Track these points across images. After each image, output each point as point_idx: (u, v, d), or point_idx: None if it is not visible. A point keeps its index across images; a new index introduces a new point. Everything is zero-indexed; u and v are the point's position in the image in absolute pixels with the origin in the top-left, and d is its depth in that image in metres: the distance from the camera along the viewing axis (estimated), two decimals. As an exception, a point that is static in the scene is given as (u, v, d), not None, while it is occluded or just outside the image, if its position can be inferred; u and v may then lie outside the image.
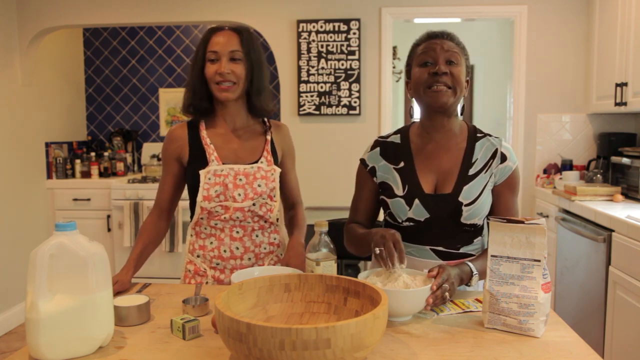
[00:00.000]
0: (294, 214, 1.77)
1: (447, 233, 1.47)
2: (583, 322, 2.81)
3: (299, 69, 3.65)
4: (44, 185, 4.03)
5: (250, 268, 1.46)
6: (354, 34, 3.60)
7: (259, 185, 1.59)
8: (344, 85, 3.63)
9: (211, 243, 1.63)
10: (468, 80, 1.50)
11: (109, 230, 3.96)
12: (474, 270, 1.36)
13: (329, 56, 3.62)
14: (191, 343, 1.13)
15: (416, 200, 1.46)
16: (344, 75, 3.63)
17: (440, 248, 1.48)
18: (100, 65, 4.68)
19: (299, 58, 3.64)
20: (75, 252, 1.05)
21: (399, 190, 1.49)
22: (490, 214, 1.49)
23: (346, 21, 3.60)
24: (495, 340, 1.14)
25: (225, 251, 1.62)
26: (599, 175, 3.22)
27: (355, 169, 1.61)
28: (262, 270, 1.44)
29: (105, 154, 4.38)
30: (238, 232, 1.61)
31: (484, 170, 1.47)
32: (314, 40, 3.62)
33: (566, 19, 3.55)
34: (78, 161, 4.19)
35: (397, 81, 5.73)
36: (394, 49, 5.13)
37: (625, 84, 2.94)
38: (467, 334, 1.16)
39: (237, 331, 0.90)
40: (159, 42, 4.63)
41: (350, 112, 3.65)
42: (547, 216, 3.34)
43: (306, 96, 3.66)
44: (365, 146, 1.67)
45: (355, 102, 3.64)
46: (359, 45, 3.60)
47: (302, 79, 3.65)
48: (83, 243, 1.07)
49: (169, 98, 4.64)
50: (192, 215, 1.64)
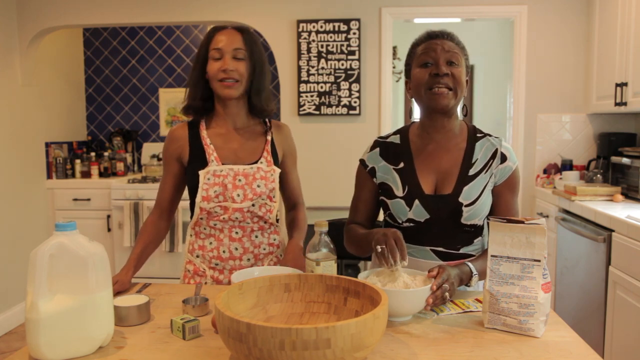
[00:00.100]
0: (295, 214, 1.76)
1: (447, 234, 1.47)
2: (583, 322, 2.81)
3: (299, 69, 3.65)
4: (44, 185, 4.03)
5: (250, 268, 1.46)
6: (354, 34, 3.60)
7: (258, 186, 1.59)
8: (344, 85, 3.63)
9: (210, 243, 1.63)
10: (467, 80, 1.49)
11: (109, 230, 3.96)
12: (473, 270, 1.36)
13: (329, 56, 3.62)
14: (191, 343, 1.13)
15: (416, 201, 1.45)
16: (344, 75, 3.63)
17: (441, 248, 1.48)
18: (100, 65, 4.68)
19: (299, 58, 3.64)
20: (75, 252, 1.05)
21: (398, 191, 1.48)
22: (491, 214, 1.49)
23: (346, 21, 3.60)
24: (495, 340, 1.14)
25: (224, 252, 1.62)
26: (599, 175, 3.22)
27: (355, 169, 1.61)
28: (262, 270, 1.44)
29: (105, 154, 4.38)
30: (237, 233, 1.61)
31: (484, 171, 1.47)
32: (314, 40, 3.62)
33: (566, 19, 3.55)
34: (78, 161, 4.19)
35: (397, 81, 5.73)
36: (394, 49, 5.13)
37: (625, 84, 2.94)
38: (467, 334, 1.16)
39: (237, 331, 0.90)
40: (159, 42, 4.63)
41: (350, 112, 3.65)
42: (547, 216, 3.34)
43: (306, 96, 3.66)
44: (365, 146, 1.67)
45: (355, 102, 3.64)
46: (359, 45, 3.60)
47: (302, 79, 3.65)
48: (83, 243, 1.07)
49: (169, 98, 4.64)
50: (192, 216, 1.64)
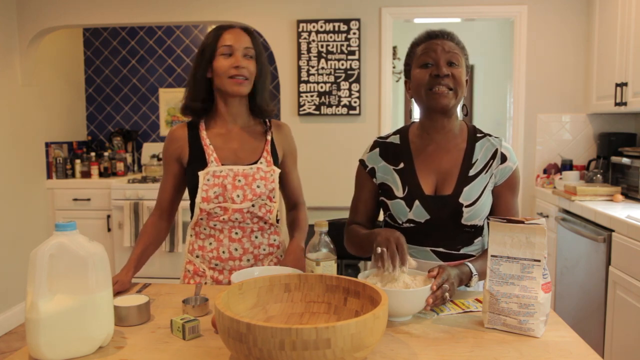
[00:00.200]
0: (296, 214, 1.75)
1: (448, 234, 1.47)
2: (583, 322, 2.81)
3: (299, 69, 3.65)
4: (44, 185, 4.03)
5: (250, 268, 1.45)
6: (354, 34, 3.60)
7: (258, 187, 1.58)
8: (344, 85, 3.63)
9: (210, 244, 1.62)
10: (467, 80, 1.49)
11: (109, 230, 3.96)
12: (473, 271, 1.36)
13: (329, 56, 3.62)
14: (191, 343, 1.13)
15: (416, 202, 1.45)
16: (344, 75, 3.63)
17: (441, 249, 1.48)
18: (100, 65, 4.68)
19: (299, 58, 3.64)
20: (75, 252, 1.05)
21: (399, 191, 1.48)
22: (491, 214, 1.49)
23: (346, 21, 3.60)
24: (495, 340, 1.14)
25: (224, 252, 1.61)
26: (599, 175, 3.22)
27: (355, 169, 1.60)
28: (262, 270, 1.44)
29: (105, 154, 4.38)
30: (237, 234, 1.61)
31: (484, 171, 1.47)
32: (314, 40, 3.62)
33: (566, 19, 3.55)
34: (78, 161, 4.19)
35: (397, 81, 5.73)
36: (394, 49, 5.13)
37: (625, 84, 2.94)
38: (467, 334, 1.16)
39: (237, 331, 0.90)
40: (159, 42, 4.63)
41: (350, 112, 3.65)
42: (547, 216, 3.34)
43: (306, 96, 3.66)
44: (365, 146, 1.67)
45: (355, 102, 3.64)
46: (359, 45, 3.60)
47: (302, 79, 3.65)
48: (83, 243, 1.07)
49: (169, 98, 4.64)
50: (192, 216, 1.63)
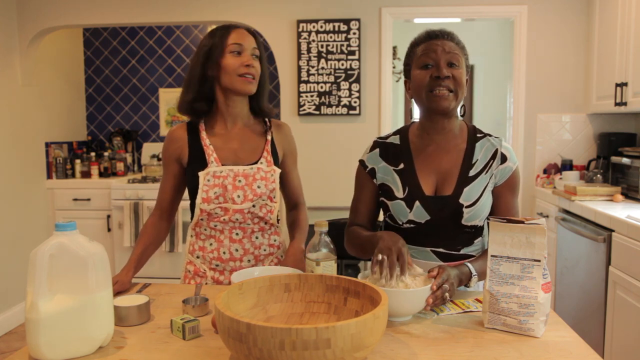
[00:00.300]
0: (296, 215, 1.75)
1: (448, 234, 1.47)
2: (583, 322, 2.81)
3: (299, 69, 3.65)
4: (44, 185, 4.03)
5: (250, 268, 1.45)
6: (354, 34, 3.60)
7: (259, 187, 1.58)
8: (344, 85, 3.63)
9: (210, 244, 1.62)
10: (467, 79, 1.48)
11: (109, 230, 3.96)
12: (473, 271, 1.36)
13: (329, 56, 3.62)
14: (191, 343, 1.13)
15: (417, 203, 1.45)
16: (344, 75, 3.63)
17: (441, 249, 1.48)
18: (100, 65, 4.68)
19: (299, 58, 3.64)
20: (75, 252, 1.05)
21: (399, 192, 1.48)
22: (491, 214, 1.48)
23: (346, 21, 3.60)
24: (495, 340, 1.14)
25: (224, 253, 1.61)
26: (599, 175, 3.22)
27: (355, 169, 1.60)
28: (262, 270, 1.44)
29: (105, 154, 4.38)
30: (238, 234, 1.61)
31: (485, 171, 1.47)
32: (314, 40, 3.62)
33: (566, 19, 3.55)
34: (78, 161, 4.19)
35: (397, 81, 5.73)
36: (394, 49, 5.13)
37: (625, 84, 2.94)
38: (467, 334, 1.16)
39: (237, 331, 0.90)
40: (159, 42, 4.63)
41: (350, 112, 3.65)
42: (547, 216, 3.34)
43: (306, 96, 3.66)
44: (365, 146, 1.66)
45: (355, 102, 3.64)
46: (359, 45, 3.60)
47: (302, 79, 3.65)
48: (83, 243, 1.07)
49: (169, 98, 4.64)
50: (192, 216, 1.63)
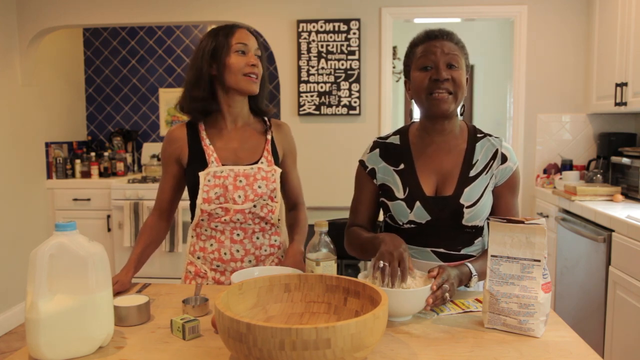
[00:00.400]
0: (296, 215, 1.75)
1: (448, 235, 1.47)
2: (583, 322, 2.81)
3: (299, 69, 3.65)
4: (44, 185, 4.03)
5: (250, 268, 1.45)
6: (354, 34, 3.60)
7: (259, 187, 1.58)
8: (344, 85, 3.63)
9: (211, 245, 1.61)
10: (467, 78, 1.48)
11: (109, 230, 3.96)
12: (473, 271, 1.36)
13: (329, 56, 3.62)
14: (191, 343, 1.13)
15: (417, 203, 1.45)
16: (344, 75, 3.63)
17: (441, 250, 1.47)
18: (100, 65, 4.68)
19: (299, 58, 3.64)
20: (75, 252, 1.05)
21: (399, 192, 1.48)
22: (491, 215, 1.48)
23: (346, 21, 3.60)
24: (495, 340, 1.14)
25: (225, 254, 1.61)
26: (599, 175, 3.22)
27: (355, 169, 1.60)
28: (262, 270, 1.44)
29: (105, 154, 4.38)
30: (239, 235, 1.60)
31: (485, 172, 1.47)
32: (314, 40, 3.62)
33: (566, 19, 3.55)
34: (78, 161, 4.19)
35: (397, 81, 5.73)
36: (394, 49, 5.13)
37: (625, 84, 2.94)
38: (467, 334, 1.16)
39: (237, 331, 0.90)
40: (159, 42, 4.63)
41: (350, 112, 3.65)
42: (547, 216, 3.34)
43: (306, 96, 3.66)
44: (365, 146, 1.66)
45: (355, 102, 3.64)
46: (359, 45, 3.60)
47: (302, 79, 3.65)
48: (83, 243, 1.07)
49: (169, 98, 4.64)
50: (193, 217, 1.63)
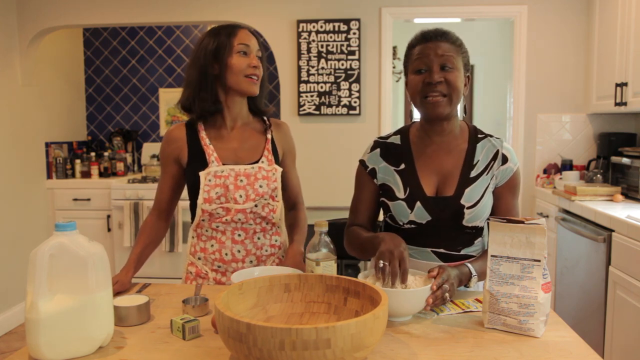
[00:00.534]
0: (296, 215, 1.75)
1: (449, 235, 1.47)
2: (583, 322, 2.81)
3: (299, 69, 3.65)
4: (44, 185, 4.03)
5: (250, 268, 1.45)
6: (354, 34, 3.60)
7: (261, 186, 1.58)
8: (344, 85, 3.63)
9: (212, 246, 1.61)
10: (469, 76, 1.46)
11: (109, 230, 3.96)
12: (473, 271, 1.36)
13: (329, 56, 3.62)
14: (191, 343, 1.13)
15: (418, 203, 1.45)
16: (344, 75, 3.63)
17: (441, 250, 1.47)
18: (100, 65, 4.68)
19: (299, 58, 3.64)
20: (75, 252, 1.05)
21: (400, 192, 1.47)
22: (491, 215, 1.48)
23: (346, 21, 3.60)
24: (495, 340, 1.14)
25: (226, 254, 1.60)
26: (599, 175, 3.22)
27: (355, 169, 1.60)
28: (262, 270, 1.44)
29: (105, 154, 4.38)
30: (240, 235, 1.60)
31: (486, 172, 1.47)
32: (314, 40, 3.62)
33: (566, 19, 3.55)
34: (78, 161, 4.19)
35: (397, 81, 5.73)
36: (394, 49, 5.13)
37: (625, 84, 2.94)
38: (467, 334, 1.16)
39: (237, 331, 0.90)
40: (159, 42, 4.63)
41: (350, 112, 3.65)
42: (547, 216, 3.34)
43: (306, 96, 3.66)
44: (365, 146, 1.66)
45: (355, 102, 3.64)
46: (359, 45, 3.60)
47: (302, 79, 3.65)
48: (83, 243, 1.07)
49: (169, 98, 4.64)
50: (193, 217, 1.62)
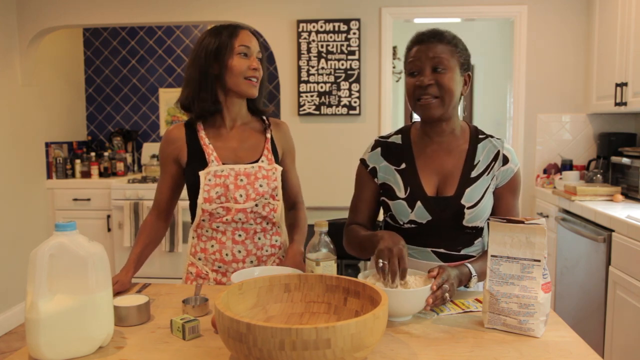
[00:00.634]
0: (296, 215, 1.75)
1: (449, 235, 1.47)
2: (583, 322, 2.81)
3: (299, 69, 3.65)
4: (44, 185, 4.03)
5: (250, 268, 1.45)
6: (354, 34, 3.60)
7: (261, 185, 1.58)
8: (344, 85, 3.63)
9: (212, 246, 1.61)
10: (469, 75, 1.45)
11: (109, 230, 3.96)
12: (472, 272, 1.36)
13: (329, 56, 3.62)
14: (191, 343, 1.13)
15: (418, 203, 1.45)
16: (344, 75, 3.63)
17: (442, 250, 1.48)
18: (100, 65, 4.68)
19: (299, 58, 3.64)
20: (75, 252, 1.05)
21: (400, 192, 1.47)
22: (491, 216, 1.48)
23: (346, 21, 3.60)
24: (495, 340, 1.14)
25: (227, 255, 1.60)
26: (599, 175, 3.22)
27: (355, 169, 1.60)
28: (262, 270, 1.44)
29: (105, 154, 4.38)
30: (240, 235, 1.60)
31: (486, 173, 1.47)
32: (314, 40, 3.62)
33: (566, 19, 3.55)
34: (78, 161, 4.19)
35: (397, 81, 5.73)
36: (394, 49, 5.13)
37: (625, 84, 2.94)
38: (467, 334, 1.16)
39: (237, 331, 0.90)
40: (159, 42, 4.63)
41: (350, 112, 3.65)
42: (547, 216, 3.34)
43: (306, 96, 3.66)
44: (365, 146, 1.66)
45: (355, 102, 3.64)
46: (359, 45, 3.60)
47: (302, 79, 3.65)
48: (83, 243, 1.07)
49: (169, 98, 4.64)
50: (193, 217, 1.62)
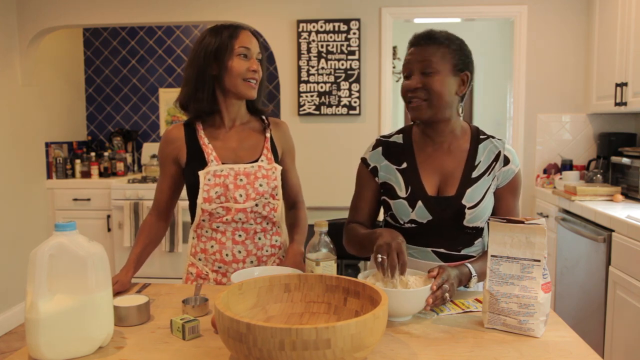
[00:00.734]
0: (296, 214, 1.75)
1: (449, 235, 1.47)
2: (583, 322, 2.81)
3: (299, 69, 3.65)
4: (44, 185, 4.03)
5: (250, 268, 1.45)
6: (354, 34, 3.60)
7: (261, 185, 1.58)
8: (344, 85, 3.63)
9: (212, 246, 1.61)
10: (467, 74, 1.43)
11: (109, 230, 3.96)
12: (472, 272, 1.36)
13: (329, 56, 3.62)
14: (191, 343, 1.13)
15: (419, 202, 1.45)
16: (344, 75, 3.63)
17: (442, 250, 1.48)
18: (100, 65, 4.68)
19: (299, 58, 3.64)
20: (74, 252, 1.05)
21: (401, 191, 1.47)
22: (492, 216, 1.48)
23: (346, 21, 3.60)
24: (495, 340, 1.14)
25: (227, 255, 1.60)
26: (599, 175, 3.22)
27: (356, 169, 1.60)
28: (262, 270, 1.44)
29: (105, 154, 4.38)
30: (240, 236, 1.60)
31: (487, 173, 1.47)
32: (314, 40, 3.62)
33: (566, 19, 3.55)
34: (78, 161, 4.19)
35: (397, 81, 5.73)
36: (394, 49, 5.13)
37: (625, 84, 2.94)
38: (467, 334, 1.16)
39: (237, 331, 0.90)
40: (159, 42, 4.63)
41: (350, 112, 3.65)
42: (547, 216, 3.34)
43: (306, 96, 3.66)
44: (365, 146, 1.66)
45: (355, 102, 3.64)
46: (359, 45, 3.60)
47: (302, 79, 3.65)
48: (83, 243, 1.07)
49: (169, 98, 4.64)
50: (193, 218, 1.62)
